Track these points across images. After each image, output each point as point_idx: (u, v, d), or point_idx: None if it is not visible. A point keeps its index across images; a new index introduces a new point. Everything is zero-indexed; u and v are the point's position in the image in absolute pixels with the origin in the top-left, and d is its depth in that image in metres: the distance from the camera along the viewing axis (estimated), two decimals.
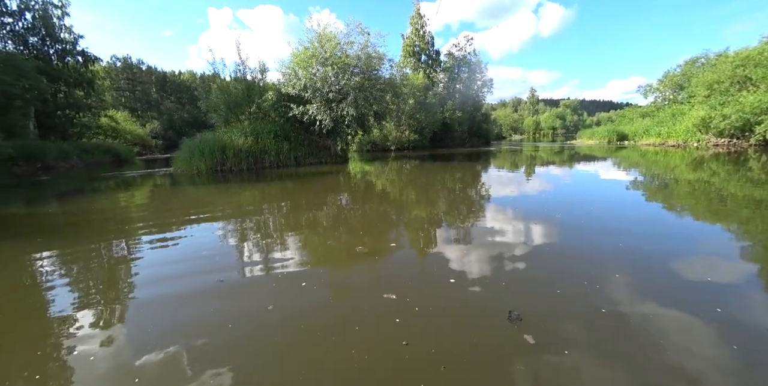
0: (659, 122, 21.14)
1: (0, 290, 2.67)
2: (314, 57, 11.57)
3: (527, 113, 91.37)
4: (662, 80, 24.19)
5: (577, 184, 7.46)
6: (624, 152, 17.26)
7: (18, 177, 13.79)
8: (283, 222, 4.52)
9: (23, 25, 23.68)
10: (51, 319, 2.18)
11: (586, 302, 2.14)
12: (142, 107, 54.44)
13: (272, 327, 1.95)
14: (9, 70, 20.53)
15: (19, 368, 1.68)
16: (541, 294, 2.25)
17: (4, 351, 1.85)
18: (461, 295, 2.27)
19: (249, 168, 11.21)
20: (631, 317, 1.94)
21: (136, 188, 8.77)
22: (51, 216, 5.53)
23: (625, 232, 3.57)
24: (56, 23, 24.73)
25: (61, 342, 1.90)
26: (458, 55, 31.18)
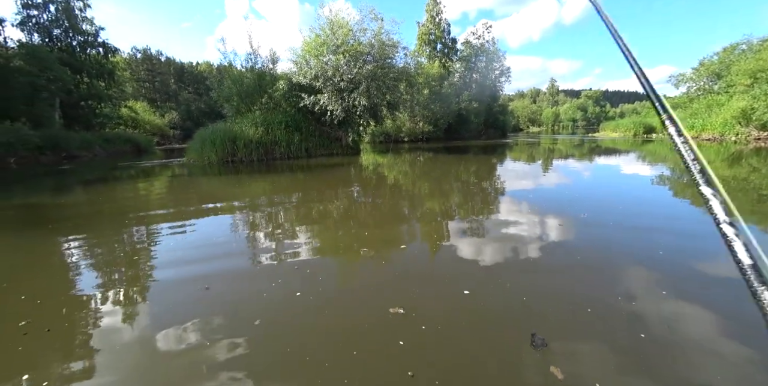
0: (693, 114, 19.69)
1: (32, 268, 2.95)
2: (325, 45, 11.21)
3: (546, 104, 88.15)
4: (697, 69, 22.46)
5: (602, 179, 6.97)
6: (651, 145, 16.25)
7: (45, 166, 14.29)
8: (284, 219, 4.30)
9: (47, 18, 24.21)
10: (76, 295, 2.43)
11: (621, 323, 1.83)
12: (161, 97, 55.50)
13: (252, 351, 1.68)
14: (35, 61, 21.16)
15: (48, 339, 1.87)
16: (568, 313, 1.94)
17: (33, 324, 2.01)
18: (476, 311, 1.99)
19: (259, 159, 11.12)
20: (677, 344, 1.63)
21: (147, 178, 8.81)
22: (71, 205, 5.56)
23: (662, 232, 3.19)
24: (78, 15, 25.15)
25: (84, 316, 2.12)
26: (476, 44, 30.03)
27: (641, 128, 23.33)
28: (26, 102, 21.09)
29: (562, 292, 2.20)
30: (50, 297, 2.34)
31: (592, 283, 2.32)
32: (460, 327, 1.84)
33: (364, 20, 11.68)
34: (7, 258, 3.25)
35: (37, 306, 2.20)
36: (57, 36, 24.78)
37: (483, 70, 30.93)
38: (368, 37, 11.59)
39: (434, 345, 1.68)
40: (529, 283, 2.34)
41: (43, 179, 9.63)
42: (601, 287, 2.25)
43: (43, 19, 23.94)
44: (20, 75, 20.01)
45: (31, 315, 2.08)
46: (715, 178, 0.59)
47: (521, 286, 2.29)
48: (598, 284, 2.30)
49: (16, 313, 2.10)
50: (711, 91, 21.15)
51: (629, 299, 2.06)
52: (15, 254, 3.35)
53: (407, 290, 2.28)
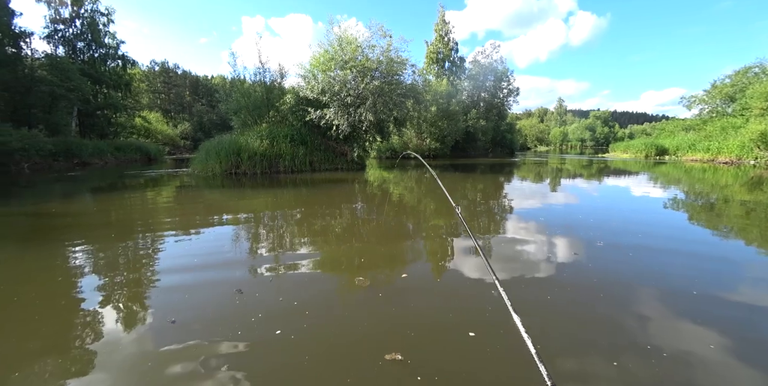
0: (707, 136, 19.28)
1: (39, 274, 2.97)
2: (333, 60, 11.32)
3: (554, 123, 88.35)
4: (710, 91, 22.23)
5: (615, 201, 6.59)
6: (665, 167, 15.81)
7: (56, 172, 14.48)
8: (274, 241, 3.98)
9: (73, 32, 25.36)
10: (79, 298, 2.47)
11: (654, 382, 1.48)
12: (175, 108, 57.11)
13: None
14: (56, 72, 22.01)
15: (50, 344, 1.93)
16: (590, 366, 1.61)
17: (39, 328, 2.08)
18: (484, 360, 1.67)
19: (263, 172, 11.00)
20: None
21: (147, 188, 8.70)
22: (60, 215, 5.38)
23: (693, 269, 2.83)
24: (102, 29, 26.30)
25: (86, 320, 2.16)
26: (484, 63, 30.47)
27: (653, 149, 22.86)
28: (45, 110, 21.77)
29: (585, 339, 1.86)
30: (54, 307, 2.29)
31: (616, 327, 1.98)
32: (466, 380, 1.52)
33: (374, 37, 11.85)
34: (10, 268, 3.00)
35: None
36: (80, 48, 25.85)
37: (491, 89, 31.22)
38: (377, 53, 11.70)
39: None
40: (544, 324, 2.01)
41: (50, 185, 9.72)
42: (626, 334, 1.90)
43: (69, 32, 25.08)
44: (42, 84, 20.76)
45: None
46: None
47: (535, 328, 1.95)
48: (624, 330, 1.95)
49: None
50: (725, 114, 20.82)
51: (658, 351, 1.71)
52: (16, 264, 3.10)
53: (407, 331, 1.95)
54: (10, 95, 20.12)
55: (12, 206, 6.45)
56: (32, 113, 20.94)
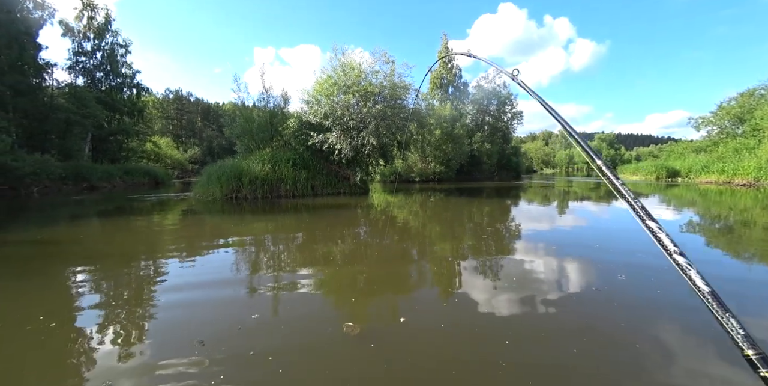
0: (720, 158, 18.83)
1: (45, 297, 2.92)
2: (336, 85, 11.47)
3: (559, 146, 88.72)
4: (717, 113, 22.10)
5: (632, 228, 6.11)
6: (678, 190, 15.27)
7: (64, 195, 14.54)
8: (253, 276, 3.51)
9: (93, 63, 26.79)
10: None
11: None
12: (186, 134, 58.97)
13: None
14: (74, 100, 22.99)
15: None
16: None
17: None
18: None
19: (264, 196, 10.77)
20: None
21: (142, 214, 8.47)
22: (44, 243, 5.11)
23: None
24: (119, 60, 27.77)
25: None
26: (487, 88, 31.11)
27: (664, 171, 22.36)
28: (60, 136, 22.44)
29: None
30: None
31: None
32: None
33: (377, 63, 12.07)
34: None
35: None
36: (99, 78, 27.16)
37: (495, 113, 31.62)
38: (380, 78, 11.86)
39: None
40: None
41: (56, 210, 9.59)
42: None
43: (90, 64, 26.49)
44: (59, 112, 21.57)
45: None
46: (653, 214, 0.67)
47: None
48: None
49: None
50: (735, 135, 20.50)
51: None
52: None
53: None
54: (29, 122, 20.84)
55: (17, 232, 6.22)
56: (48, 139, 21.57)
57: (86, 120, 22.72)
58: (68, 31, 25.22)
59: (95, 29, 25.82)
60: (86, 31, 25.70)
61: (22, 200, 12.16)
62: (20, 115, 20.11)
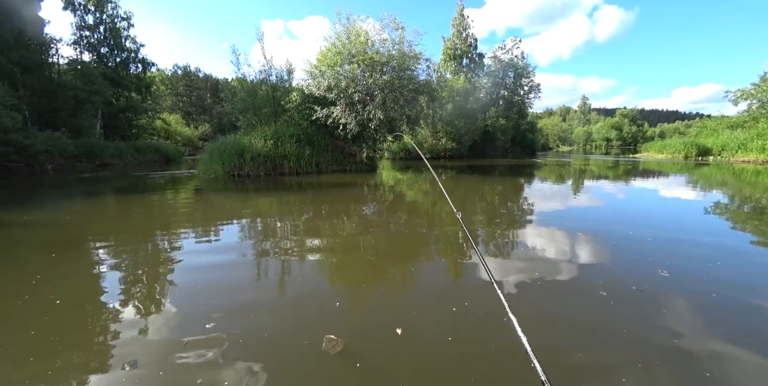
0: (760, 134, 17.28)
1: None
2: (340, 54, 10.66)
3: (577, 122, 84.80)
4: (759, 85, 20.05)
5: (670, 213, 5.55)
6: (707, 169, 14.23)
7: (79, 172, 14.78)
8: (222, 283, 2.81)
9: (97, 38, 26.21)
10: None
11: None
12: (196, 110, 58.67)
13: None
14: (80, 77, 22.80)
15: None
16: None
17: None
18: None
19: (267, 174, 10.46)
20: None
21: (143, 193, 8.37)
22: (36, 224, 5.01)
23: None
24: (123, 34, 27.09)
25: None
26: (504, 59, 29.15)
27: (694, 149, 20.81)
28: (70, 113, 22.50)
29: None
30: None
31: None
32: None
33: (385, 29, 11.09)
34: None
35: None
36: (104, 54, 26.67)
37: (511, 86, 29.84)
38: (388, 46, 10.93)
39: None
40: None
41: (66, 187, 9.62)
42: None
43: (93, 38, 25.91)
44: (67, 89, 21.46)
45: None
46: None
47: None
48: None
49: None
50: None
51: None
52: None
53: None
54: (38, 99, 20.86)
55: (35, 212, 6.18)
56: (59, 116, 21.66)
57: (94, 97, 22.62)
58: (69, 3, 24.45)
59: (95, 1, 24.96)
60: (87, 3, 24.88)
61: (38, 177, 12.25)
62: (30, 92, 20.10)
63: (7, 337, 1.91)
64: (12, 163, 15.14)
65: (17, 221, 5.03)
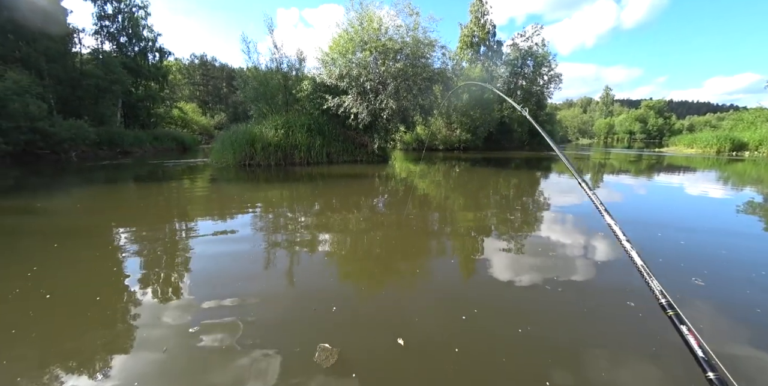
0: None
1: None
2: (352, 41, 10.31)
3: (599, 114, 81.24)
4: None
5: (703, 215, 5.14)
6: (742, 165, 13.31)
7: (101, 160, 15.16)
8: (216, 284, 2.70)
9: (116, 27, 26.60)
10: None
11: None
12: (212, 99, 59.33)
13: None
14: (101, 66, 23.30)
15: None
16: None
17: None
18: None
19: (277, 163, 10.39)
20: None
21: (152, 182, 8.47)
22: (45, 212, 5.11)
23: None
24: (141, 23, 27.39)
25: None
26: (523, 47, 27.90)
27: (728, 143, 19.46)
28: (92, 102, 23.10)
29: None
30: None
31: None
32: None
33: (399, 15, 10.63)
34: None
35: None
36: (123, 43, 27.07)
37: (530, 76, 28.66)
38: (402, 33, 10.50)
39: None
40: None
41: (90, 172, 9.94)
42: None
43: (113, 28, 26.30)
44: (89, 78, 22.00)
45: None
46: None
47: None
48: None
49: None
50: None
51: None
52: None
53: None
54: (62, 88, 21.47)
55: (60, 197, 6.35)
56: (82, 105, 22.28)
57: (114, 86, 23.11)
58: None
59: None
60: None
61: (62, 164, 12.65)
62: (54, 81, 20.68)
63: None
64: (39, 150, 15.73)
65: (29, 208, 5.13)
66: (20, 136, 14.35)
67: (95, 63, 23.52)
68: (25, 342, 1.74)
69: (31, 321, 1.93)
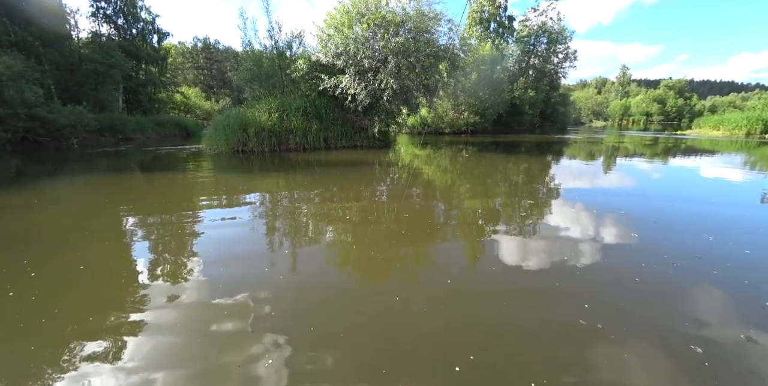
0: None
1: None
2: (348, 14, 9.46)
3: (614, 95, 77.49)
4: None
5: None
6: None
7: (103, 146, 14.74)
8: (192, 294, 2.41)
9: (113, 9, 25.76)
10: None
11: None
12: (217, 84, 58.18)
13: None
14: (98, 50, 22.73)
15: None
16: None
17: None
18: None
19: (272, 150, 9.87)
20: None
21: (140, 171, 8.07)
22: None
23: None
24: (138, 4, 26.47)
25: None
26: (536, 22, 26.16)
27: (759, 125, 17.96)
28: (92, 87, 22.71)
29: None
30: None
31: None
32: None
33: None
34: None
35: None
36: (120, 25, 26.27)
37: (543, 54, 27.04)
38: (403, 4, 9.53)
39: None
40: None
41: (71, 163, 9.52)
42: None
43: (110, 10, 25.45)
44: (87, 62, 21.49)
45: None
46: None
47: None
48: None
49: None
50: None
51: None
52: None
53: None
54: (61, 73, 21.03)
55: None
56: (82, 91, 21.90)
57: (113, 70, 22.57)
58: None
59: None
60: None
61: (63, 152, 12.36)
62: (52, 66, 20.25)
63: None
64: (40, 137, 15.53)
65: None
66: (18, 123, 14.10)
67: (92, 46, 22.92)
68: (54, 313, 1.94)
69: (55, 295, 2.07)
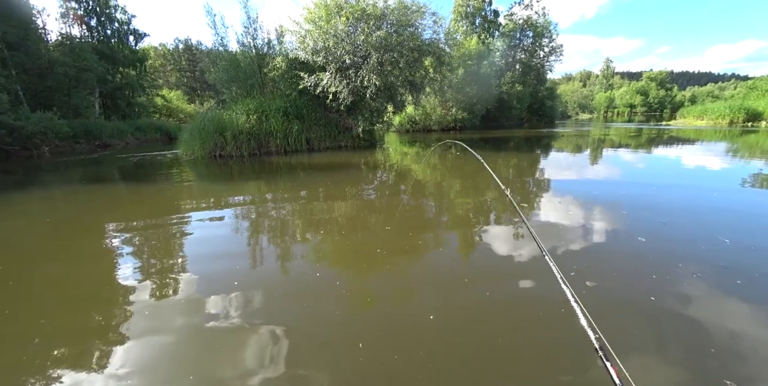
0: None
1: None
2: (327, 7, 8.97)
3: (599, 88, 78.79)
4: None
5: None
6: (756, 136, 12.32)
7: (78, 154, 14.07)
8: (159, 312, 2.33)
9: (86, 9, 24.61)
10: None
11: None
12: (201, 86, 56.68)
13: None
14: (69, 53, 21.61)
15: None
16: None
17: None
18: None
19: (251, 154, 9.32)
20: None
21: (106, 182, 7.46)
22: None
23: None
24: (112, 3, 25.38)
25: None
26: (521, 16, 26.06)
27: (741, 113, 18.25)
28: (64, 93, 21.62)
29: None
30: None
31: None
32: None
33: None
34: None
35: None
36: (93, 26, 25.12)
37: (529, 48, 27.00)
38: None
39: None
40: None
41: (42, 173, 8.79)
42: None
43: (80, 10, 24.29)
44: (57, 66, 20.40)
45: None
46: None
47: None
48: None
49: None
50: None
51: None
52: None
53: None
54: (29, 78, 19.97)
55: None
56: (54, 96, 20.85)
57: (85, 74, 21.52)
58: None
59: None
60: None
61: (35, 161, 11.52)
62: (19, 70, 19.19)
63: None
64: (7, 146, 14.63)
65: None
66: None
67: (61, 49, 21.81)
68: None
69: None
